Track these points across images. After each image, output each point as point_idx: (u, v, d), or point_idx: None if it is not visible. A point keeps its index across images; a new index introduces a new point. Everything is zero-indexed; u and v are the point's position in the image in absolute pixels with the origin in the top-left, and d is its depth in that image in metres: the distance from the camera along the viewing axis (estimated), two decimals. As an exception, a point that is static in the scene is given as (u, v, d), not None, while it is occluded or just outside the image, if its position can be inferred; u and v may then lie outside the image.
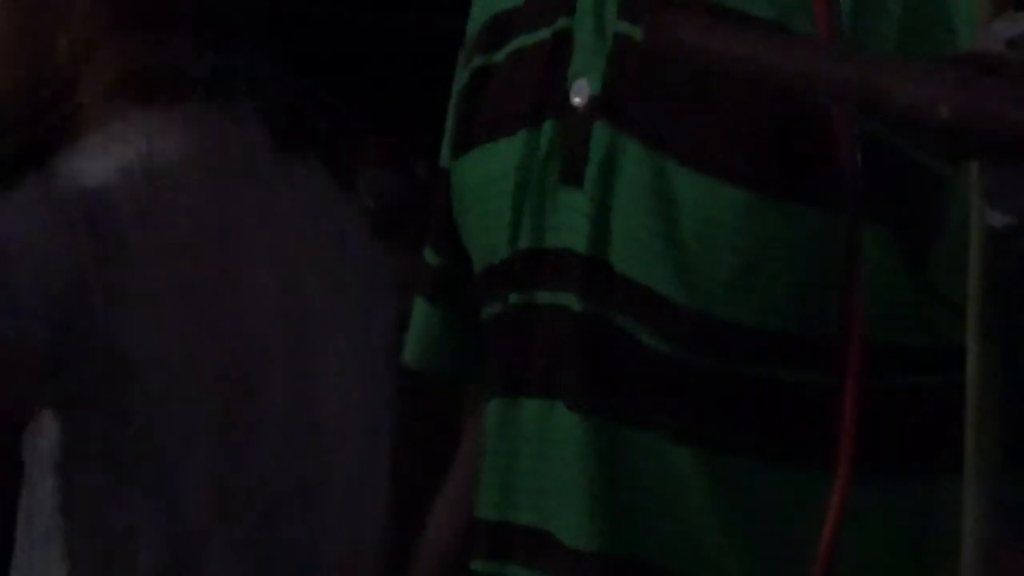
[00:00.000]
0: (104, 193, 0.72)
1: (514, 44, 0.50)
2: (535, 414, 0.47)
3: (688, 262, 0.43)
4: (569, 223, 0.47)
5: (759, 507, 0.43)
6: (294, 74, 0.82)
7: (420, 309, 0.60)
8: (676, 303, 0.43)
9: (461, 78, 0.55)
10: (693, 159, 0.43)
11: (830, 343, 0.39)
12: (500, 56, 0.51)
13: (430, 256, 0.59)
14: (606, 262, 0.45)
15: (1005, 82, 0.19)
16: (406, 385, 0.78)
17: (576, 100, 0.47)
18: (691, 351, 0.44)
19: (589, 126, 0.46)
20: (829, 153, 0.39)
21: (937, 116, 0.19)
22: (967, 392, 0.23)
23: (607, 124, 0.45)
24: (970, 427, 0.22)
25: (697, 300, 0.43)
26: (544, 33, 0.49)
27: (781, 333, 0.42)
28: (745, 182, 0.42)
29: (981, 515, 0.23)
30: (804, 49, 0.26)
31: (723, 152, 0.43)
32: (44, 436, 0.75)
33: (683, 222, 0.43)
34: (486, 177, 0.51)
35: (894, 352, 0.42)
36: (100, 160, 0.75)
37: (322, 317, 0.80)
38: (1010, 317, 0.24)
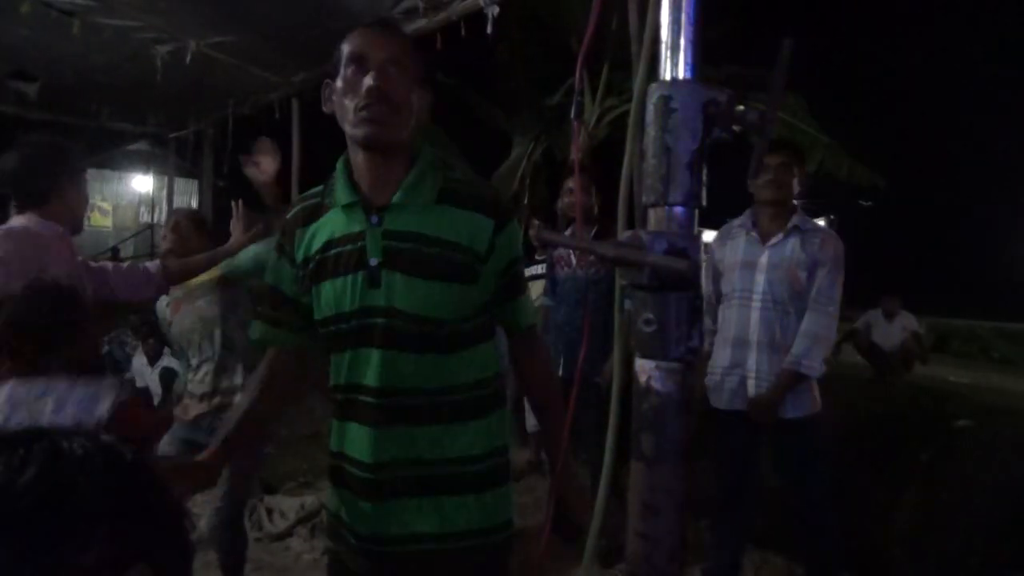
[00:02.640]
0: None
1: (335, 250, 1.37)
2: (380, 357, 1.34)
3: (412, 305, 1.32)
4: (377, 297, 1.33)
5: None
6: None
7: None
8: (413, 315, 1.32)
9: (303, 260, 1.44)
10: (412, 273, 1.32)
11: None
12: (332, 253, 1.37)
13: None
14: (394, 306, 1.32)
15: (630, 250, 0.72)
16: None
17: (372, 263, 1.32)
18: (419, 329, 1.33)
19: (379, 270, 1.32)
20: (472, 266, 1.34)
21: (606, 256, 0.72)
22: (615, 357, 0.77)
23: (385, 268, 1.32)
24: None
25: (424, 313, 1.32)
26: (355, 236, 1.36)
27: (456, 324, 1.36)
28: (437, 278, 1.32)
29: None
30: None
31: (421, 272, 1.32)
32: None
33: (413, 291, 1.32)
34: (340, 288, 1.35)
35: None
36: None
37: None
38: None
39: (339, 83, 1.32)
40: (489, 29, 3.55)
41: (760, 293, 2.74)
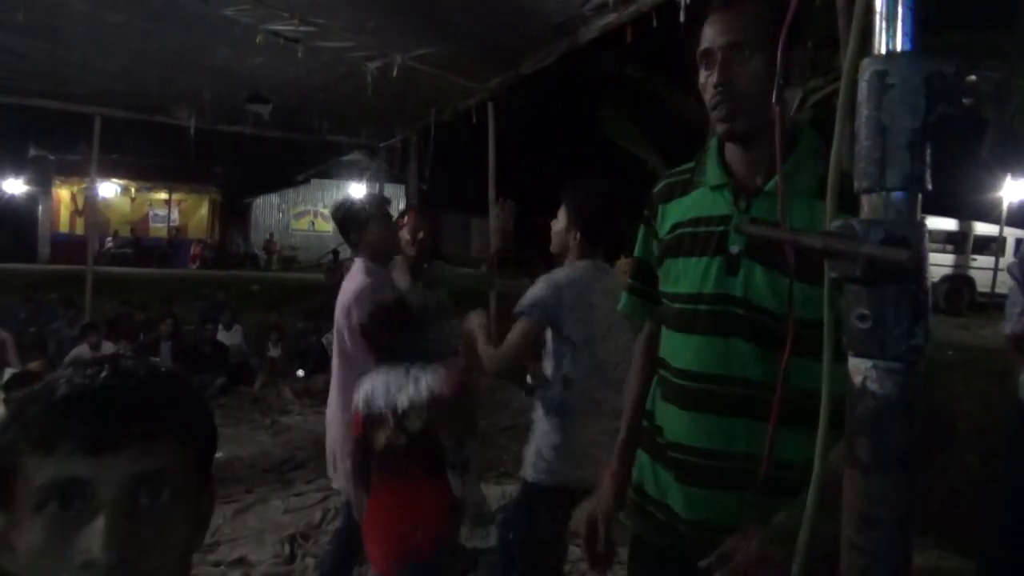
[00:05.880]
0: None
1: (697, 228, 1.38)
2: (740, 348, 1.31)
3: (769, 296, 1.27)
4: (735, 286, 1.30)
5: None
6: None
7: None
8: (765, 308, 1.27)
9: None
10: (770, 266, 1.26)
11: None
12: (693, 231, 1.39)
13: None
14: (749, 299, 1.29)
15: (839, 240, 0.66)
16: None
17: (733, 250, 1.31)
18: (774, 323, 1.25)
19: (739, 258, 1.30)
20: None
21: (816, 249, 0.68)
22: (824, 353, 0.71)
23: (745, 257, 1.29)
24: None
25: (777, 309, 1.26)
26: (719, 219, 1.35)
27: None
28: (794, 275, 1.16)
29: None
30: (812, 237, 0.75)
31: (780, 266, 1.24)
32: None
33: (770, 284, 1.26)
34: (695, 269, 1.35)
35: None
36: None
37: None
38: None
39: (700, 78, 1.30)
40: (682, 18, 3.45)
41: None
